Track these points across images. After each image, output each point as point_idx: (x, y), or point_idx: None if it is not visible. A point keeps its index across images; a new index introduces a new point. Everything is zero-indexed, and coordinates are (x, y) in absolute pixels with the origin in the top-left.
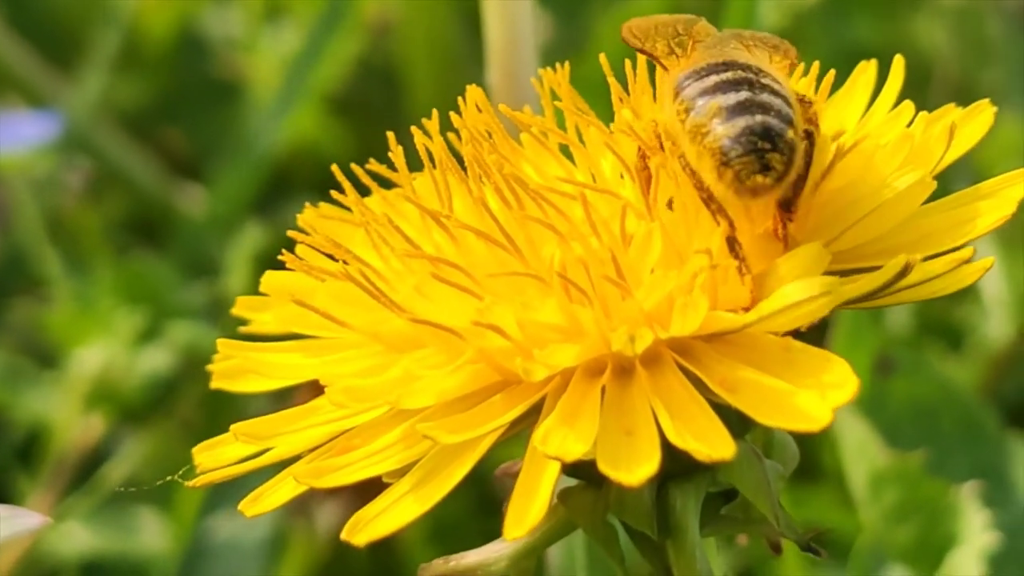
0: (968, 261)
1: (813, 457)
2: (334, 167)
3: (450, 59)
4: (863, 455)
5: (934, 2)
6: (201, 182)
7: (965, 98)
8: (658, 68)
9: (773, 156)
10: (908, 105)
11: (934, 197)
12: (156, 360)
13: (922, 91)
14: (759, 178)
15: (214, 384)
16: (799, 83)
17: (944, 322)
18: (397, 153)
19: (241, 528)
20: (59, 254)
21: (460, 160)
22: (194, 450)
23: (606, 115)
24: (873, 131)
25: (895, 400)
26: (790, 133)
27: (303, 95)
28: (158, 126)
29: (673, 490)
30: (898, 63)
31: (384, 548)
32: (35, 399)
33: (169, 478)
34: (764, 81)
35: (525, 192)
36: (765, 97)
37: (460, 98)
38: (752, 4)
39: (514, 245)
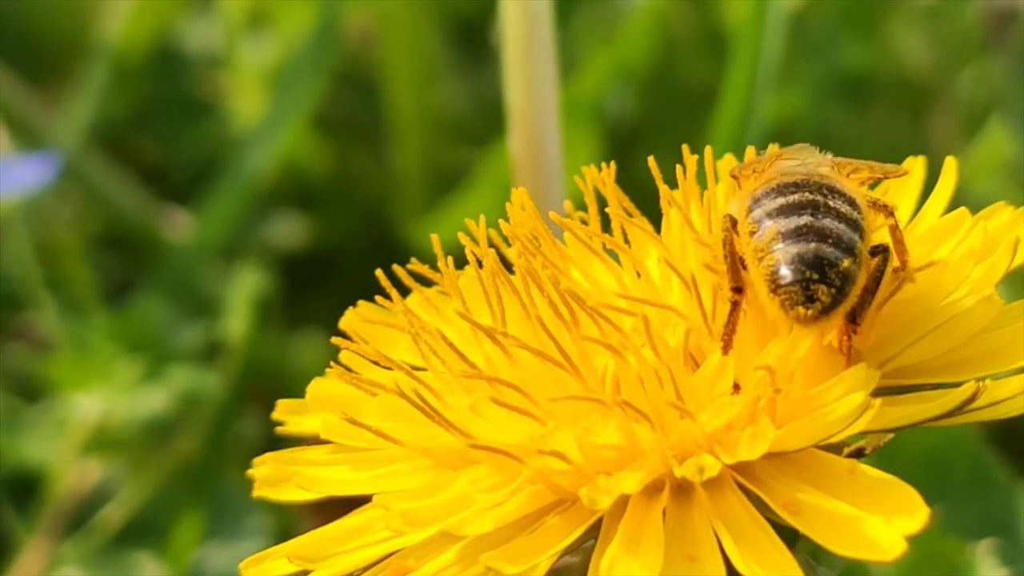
0: None
1: None
2: (378, 272)
3: (431, 72)
4: None
5: (910, 9)
6: (181, 202)
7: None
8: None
9: (819, 288)
10: (963, 211)
11: None
12: (154, 404)
13: (912, 107)
14: (801, 309)
15: (256, 493)
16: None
17: None
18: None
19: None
20: (47, 285)
21: (505, 263)
22: (241, 564)
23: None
24: (926, 235)
25: (905, 451)
26: (846, 263)
27: (292, 115)
28: (133, 138)
29: None
30: (950, 163)
31: None
32: (31, 443)
33: None
34: (832, 203)
35: (581, 308)
36: (827, 223)
37: (507, 203)
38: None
39: (571, 364)
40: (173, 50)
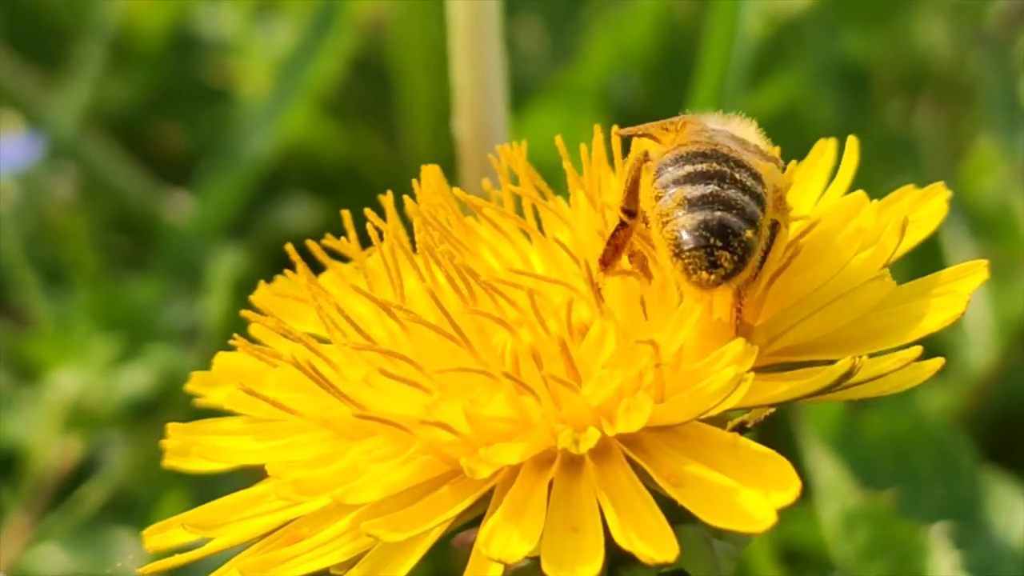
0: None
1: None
2: (288, 246)
3: (444, 58)
4: (835, 493)
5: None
6: (188, 187)
7: (962, 101)
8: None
9: (722, 254)
10: (860, 195)
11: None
12: (134, 382)
13: (918, 94)
14: (704, 274)
15: (166, 463)
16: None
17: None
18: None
19: None
20: (45, 263)
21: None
22: (144, 532)
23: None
24: (828, 216)
25: (869, 435)
26: (748, 233)
27: (295, 97)
28: (149, 125)
29: (622, 570)
30: (852, 144)
31: None
32: (13, 421)
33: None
34: (738, 176)
35: (476, 283)
36: (732, 193)
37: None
38: (735, 14)
39: (464, 338)
40: (188, 35)
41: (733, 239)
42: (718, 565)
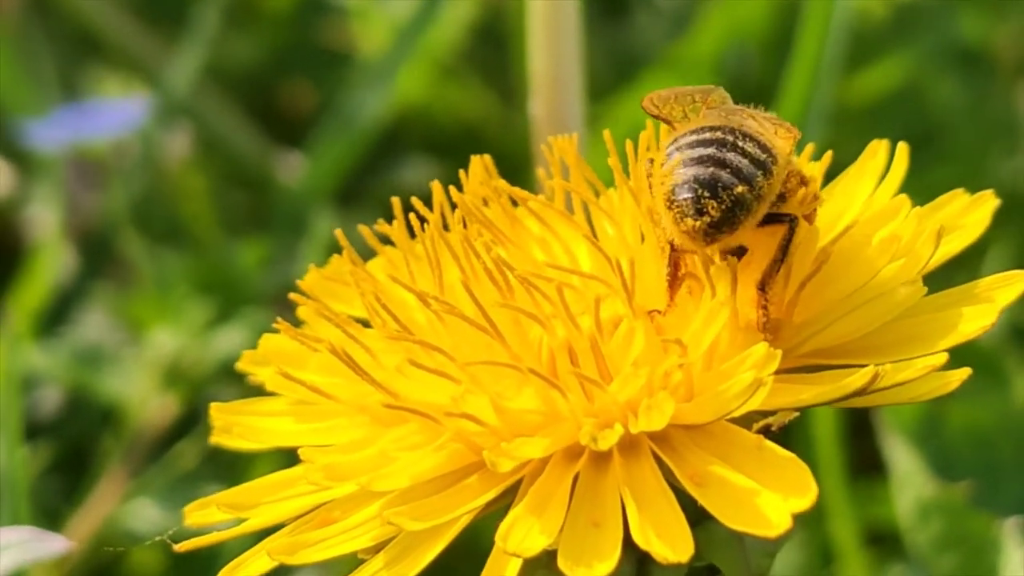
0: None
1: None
2: (338, 231)
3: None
4: (910, 483)
5: None
6: (302, 149)
7: None
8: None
9: (709, 203)
10: (901, 199)
11: None
12: (229, 343)
13: None
14: (689, 220)
15: (213, 440)
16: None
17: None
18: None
19: None
20: (164, 221)
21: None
22: (186, 509)
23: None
24: (867, 221)
25: (951, 425)
26: (740, 188)
27: (411, 60)
28: (277, 86)
29: (653, 567)
30: (902, 149)
31: None
32: (115, 377)
33: (159, 538)
34: (741, 144)
35: (513, 276)
36: (729, 156)
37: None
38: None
39: (496, 331)
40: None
41: (722, 191)
42: (748, 561)
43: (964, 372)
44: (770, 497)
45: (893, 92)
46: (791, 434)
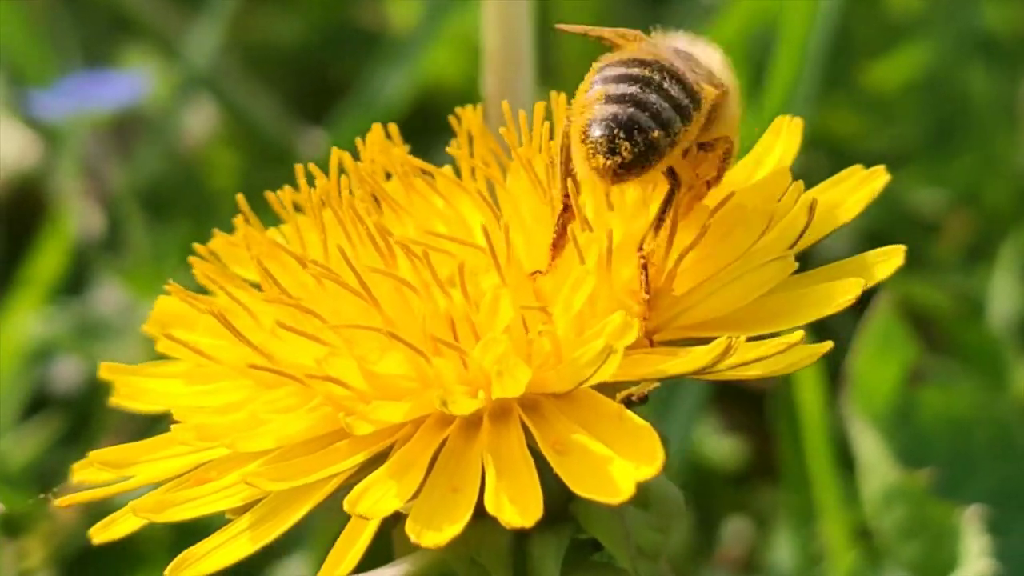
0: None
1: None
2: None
3: (601, 9)
4: (875, 469)
5: None
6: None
7: None
8: None
9: (623, 144)
10: (785, 173)
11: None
12: None
13: None
14: (601, 159)
15: (112, 401)
16: None
17: None
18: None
19: None
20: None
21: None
22: (75, 466)
23: None
24: (751, 192)
25: (926, 412)
26: (655, 133)
27: (438, 40)
28: (320, 64)
29: (534, 537)
30: (796, 124)
31: None
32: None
33: (42, 496)
34: (666, 86)
35: (395, 243)
36: (651, 97)
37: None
38: None
39: (370, 295)
40: None
41: (638, 134)
42: (627, 535)
43: (824, 346)
44: (622, 465)
45: (917, 81)
46: (782, 433)
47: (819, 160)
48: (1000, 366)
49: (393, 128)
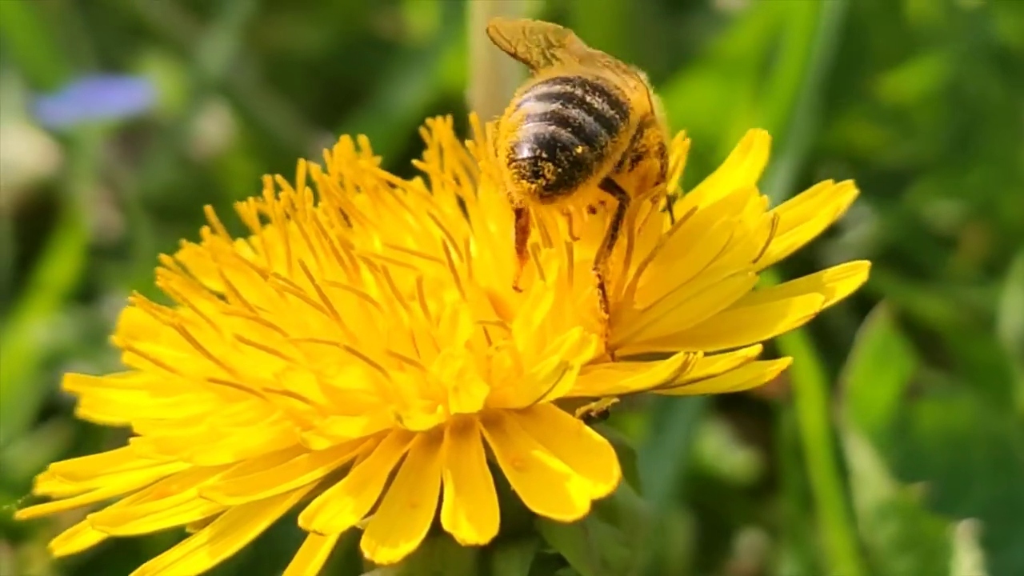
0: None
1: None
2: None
3: (626, 14)
4: (868, 482)
5: None
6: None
7: None
8: None
9: (546, 165)
10: (750, 187)
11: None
12: None
13: None
14: (525, 183)
15: (79, 413)
16: None
17: None
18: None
19: None
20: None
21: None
22: (39, 476)
23: None
24: (715, 207)
25: (923, 426)
26: (580, 149)
27: (450, 49)
28: (343, 72)
29: (499, 553)
30: (762, 137)
31: None
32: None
33: (6, 507)
34: (589, 99)
35: (358, 257)
36: (573, 112)
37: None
38: None
39: (331, 309)
40: None
41: (560, 152)
42: (591, 550)
43: (783, 362)
44: (579, 482)
45: (934, 92)
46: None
47: (838, 172)
48: (1005, 381)
49: (364, 139)
